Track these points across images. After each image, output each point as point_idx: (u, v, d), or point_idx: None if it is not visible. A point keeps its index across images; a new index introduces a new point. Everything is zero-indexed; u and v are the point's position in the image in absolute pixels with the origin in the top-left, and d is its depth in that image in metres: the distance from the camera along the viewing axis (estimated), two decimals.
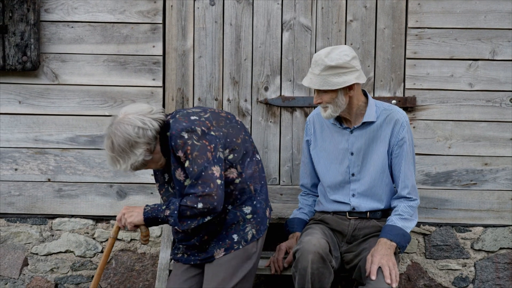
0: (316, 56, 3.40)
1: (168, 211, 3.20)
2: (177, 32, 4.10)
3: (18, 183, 4.16)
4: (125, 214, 3.28)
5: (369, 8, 4.07)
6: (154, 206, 3.26)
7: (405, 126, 3.49)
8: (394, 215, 3.48)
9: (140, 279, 4.22)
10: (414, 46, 4.06)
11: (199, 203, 3.13)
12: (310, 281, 3.27)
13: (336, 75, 3.36)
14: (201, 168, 3.14)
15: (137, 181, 4.14)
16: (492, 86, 4.07)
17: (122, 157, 3.18)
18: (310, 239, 3.32)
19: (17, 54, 4.01)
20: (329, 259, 3.32)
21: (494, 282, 4.17)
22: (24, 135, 4.13)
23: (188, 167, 3.16)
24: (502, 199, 4.12)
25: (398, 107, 3.59)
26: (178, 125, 3.17)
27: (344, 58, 3.36)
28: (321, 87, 3.37)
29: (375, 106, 3.52)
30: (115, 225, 3.37)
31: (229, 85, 4.13)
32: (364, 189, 3.53)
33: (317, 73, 3.37)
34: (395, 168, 3.52)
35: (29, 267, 4.22)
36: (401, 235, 3.42)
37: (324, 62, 3.35)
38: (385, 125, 3.50)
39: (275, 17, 4.09)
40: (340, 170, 3.56)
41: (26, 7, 3.98)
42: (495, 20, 4.03)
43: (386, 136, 3.50)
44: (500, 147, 4.10)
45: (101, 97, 4.12)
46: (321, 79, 3.36)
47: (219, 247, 3.31)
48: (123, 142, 3.15)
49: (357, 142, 3.52)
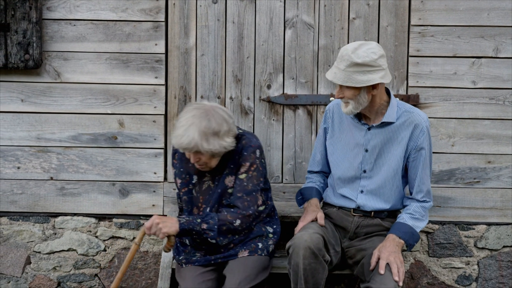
0: (343, 51, 3.33)
1: (206, 225, 3.33)
2: (179, 30, 4.10)
3: (21, 182, 4.16)
4: (159, 223, 3.30)
5: (372, 5, 4.06)
6: (189, 219, 3.35)
7: (425, 131, 3.44)
8: (405, 213, 3.47)
9: (143, 277, 4.21)
10: (417, 44, 4.05)
11: (238, 220, 3.36)
12: (303, 277, 3.27)
13: (361, 73, 3.30)
14: (254, 188, 3.41)
15: (140, 179, 4.14)
16: (496, 84, 4.06)
17: (213, 137, 3.30)
18: (302, 235, 3.33)
19: (20, 52, 4.00)
20: (322, 254, 3.31)
21: (497, 280, 4.16)
22: (27, 133, 4.13)
23: (243, 180, 3.40)
24: (506, 197, 4.11)
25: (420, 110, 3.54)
26: (256, 141, 3.46)
27: (371, 56, 3.30)
28: (344, 83, 3.32)
29: (396, 107, 3.46)
30: (141, 232, 3.34)
31: (231, 83, 4.13)
32: (373, 188, 3.52)
33: (342, 68, 3.31)
34: (411, 171, 3.49)
35: (31, 265, 4.22)
36: (410, 234, 3.41)
37: (351, 58, 3.29)
38: (404, 127, 3.46)
39: (278, 15, 4.09)
40: (352, 165, 3.54)
41: (28, 5, 3.98)
42: (499, 18, 4.02)
43: (403, 139, 3.46)
44: (504, 145, 4.09)
45: (103, 95, 4.11)
46: (345, 74, 3.31)
47: (243, 249, 3.43)
48: (219, 124, 3.31)
49: (373, 140, 3.49)
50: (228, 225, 3.35)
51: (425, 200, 3.50)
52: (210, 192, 3.49)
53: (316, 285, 3.30)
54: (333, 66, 3.38)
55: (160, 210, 4.14)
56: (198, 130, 3.28)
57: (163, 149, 4.13)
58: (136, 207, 4.16)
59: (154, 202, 4.15)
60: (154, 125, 4.12)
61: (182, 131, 3.29)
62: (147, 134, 4.12)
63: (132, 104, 4.11)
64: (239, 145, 3.43)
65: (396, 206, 3.55)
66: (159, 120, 4.12)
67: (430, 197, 3.53)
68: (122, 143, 4.13)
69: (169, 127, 4.13)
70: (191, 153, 3.34)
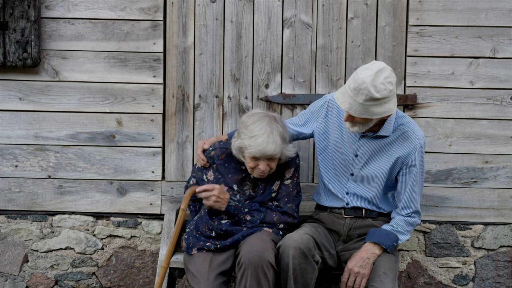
0: (359, 80, 3.19)
1: (249, 217, 3.48)
2: (177, 29, 4.10)
3: (19, 180, 4.16)
4: (215, 196, 3.41)
5: (370, 5, 4.07)
6: (237, 204, 3.48)
7: (418, 148, 3.44)
8: (387, 225, 3.48)
9: (140, 276, 4.22)
10: (415, 44, 4.06)
11: (282, 224, 3.52)
12: (292, 277, 3.28)
13: (378, 105, 3.23)
14: (298, 194, 3.59)
15: (138, 178, 4.14)
16: (493, 84, 4.07)
17: (286, 144, 3.48)
18: (292, 235, 3.36)
19: (18, 50, 4.00)
20: (312, 254, 3.32)
21: (494, 280, 4.17)
22: (25, 131, 4.13)
23: (289, 186, 3.55)
24: (503, 197, 4.12)
25: (415, 123, 3.52)
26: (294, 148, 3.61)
27: (389, 87, 3.21)
28: (361, 116, 3.26)
29: (394, 120, 3.44)
30: (188, 194, 3.41)
31: (229, 82, 4.13)
32: (359, 192, 3.54)
33: (359, 101, 3.21)
34: (400, 186, 3.49)
35: (29, 263, 4.22)
36: (384, 235, 3.40)
37: (370, 92, 3.18)
38: (397, 141, 3.46)
39: (276, 14, 4.09)
40: (341, 165, 3.56)
41: (26, 4, 3.98)
42: (496, 18, 4.03)
43: (395, 153, 3.46)
44: (501, 145, 4.09)
45: (101, 94, 4.11)
46: (362, 108, 3.23)
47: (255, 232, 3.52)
48: (286, 131, 3.50)
49: (364, 147, 3.50)
50: (272, 225, 3.49)
51: (411, 215, 3.48)
52: (250, 196, 3.57)
53: (306, 285, 3.31)
54: (347, 94, 3.26)
55: (158, 209, 4.15)
56: (280, 137, 3.42)
57: (161, 148, 4.13)
58: (133, 205, 4.16)
59: (152, 201, 4.15)
60: (152, 124, 4.12)
61: (264, 139, 3.37)
62: (145, 133, 4.12)
63: (130, 103, 4.11)
64: None
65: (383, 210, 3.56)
66: (157, 119, 4.12)
67: (418, 216, 3.51)
68: (120, 141, 4.13)
69: (167, 125, 4.14)
70: (263, 160, 3.42)
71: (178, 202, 4.12)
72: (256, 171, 3.47)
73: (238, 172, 3.58)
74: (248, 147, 3.40)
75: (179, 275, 3.75)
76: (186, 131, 4.14)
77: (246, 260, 3.25)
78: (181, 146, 4.15)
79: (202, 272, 3.37)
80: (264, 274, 3.23)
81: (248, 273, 3.24)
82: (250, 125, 3.42)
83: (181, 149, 4.15)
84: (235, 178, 3.58)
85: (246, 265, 3.24)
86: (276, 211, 3.53)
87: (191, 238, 3.54)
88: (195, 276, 3.39)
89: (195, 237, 3.52)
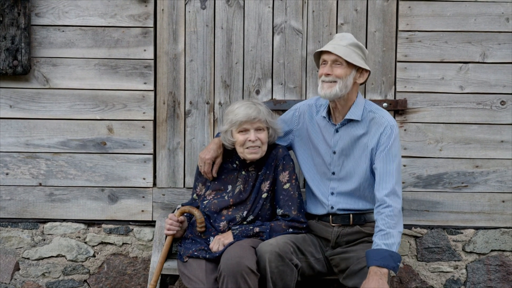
0: (340, 34, 3.55)
1: (258, 229, 3.52)
2: (168, 35, 4.10)
3: (9, 188, 4.15)
4: (221, 239, 3.50)
5: (360, 11, 4.08)
6: (241, 228, 3.52)
7: (388, 129, 3.47)
8: (376, 233, 3.36)
9: (132, 283, 4.21)
10: (405, 49, 4.07)
11: (291, 229, 3.55)
12: (270, 280, 3.30)
13: (357, 55, 3.48)
14: (299, 196, 3.59)
15: (129, 185, 4.14)
16: (483, 89, 4.09)
17: (271, 117, 3.59)
18: (268, 240, 3.41)
19: (8, 58, 4.00)
20: (289, 258, 3.34)
21: (485, 284, 4.18)
22: (15, 139, 4.12)
23: (289, 190, 3.57)
24: (493, 201, 4.13)
25: (387, 110, 3.60)
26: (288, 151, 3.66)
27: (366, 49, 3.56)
28: (345, 57, 3.42)
29: (363, 106, 3.53)
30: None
31: (220, 88, 4.13)
32: (343, 190, 3.55)
33: (343, 44, 3.47)
34: (375, 167, 3.46)
35: (20, 271, 4.21)
36: (388, 257, 3.28)
37: (352, 39, 3.50)
38: (369, 128, 3.50)
39: (266, 21, 4.10)
40: (322, 166, 3.59)
41: (16, 11, 3.98)
42: (486, 23, 4.05)
43: (370, 140, 3.49)
44: (491, 150, 4.11)
45: (92, 101, 4.11)
46: (346, 50, 3.45)
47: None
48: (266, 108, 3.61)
49: (341, 142, 3.53)
50: (281, 231, 3.52)
51: (388, 205, 3.35)
52: (241, 196, 3.58)
53: (286, 287, 3.32)
54: (329, 44, 3.50)
55: (149, 215, 4.14)
56: (263, 105, 3.58)
57: (152, 154, 4.13)
58: (125, 212, 4.15)
59: (143, 207, 4.15)
60: (143, 131, 4.12)
61: (247, 105, 3.54)
62: (136, 140, 4.12)
63: (121, 110, 4.11)
64: (273, 151, 3.60)
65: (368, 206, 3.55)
66: (148, 126, 4.12)
67: (396, 198, 3.37)
68: (111, 148, 4.13)
69: (158, 132, 4.14)
70: (251, 129, 3.49)
71: (170, 209, 4.12)
72: (248, 148, 3.51)
73: (230, 171, 3.65)
74: (234, 119, 3.51)
75: (171, 281, 3.75)
76: (177, 137, 4.14)
77: (225, 268, 3.28)
78: (172, 152, 4.15)
79: (200, 276, 3.39)
80: (244, 280, 3.24)
81: (227, 280, 3.26)
82: (231, 106, 3.62)
83: (172, 155, 4.15)
84: (229, 179, 3.63)
85: (226, 273, 3.27)
86: (284, 221, 3.56)
87: (183, 245, 3.55)
88: (191, 279, 3.40)
89: (189, 244, 3.55)
